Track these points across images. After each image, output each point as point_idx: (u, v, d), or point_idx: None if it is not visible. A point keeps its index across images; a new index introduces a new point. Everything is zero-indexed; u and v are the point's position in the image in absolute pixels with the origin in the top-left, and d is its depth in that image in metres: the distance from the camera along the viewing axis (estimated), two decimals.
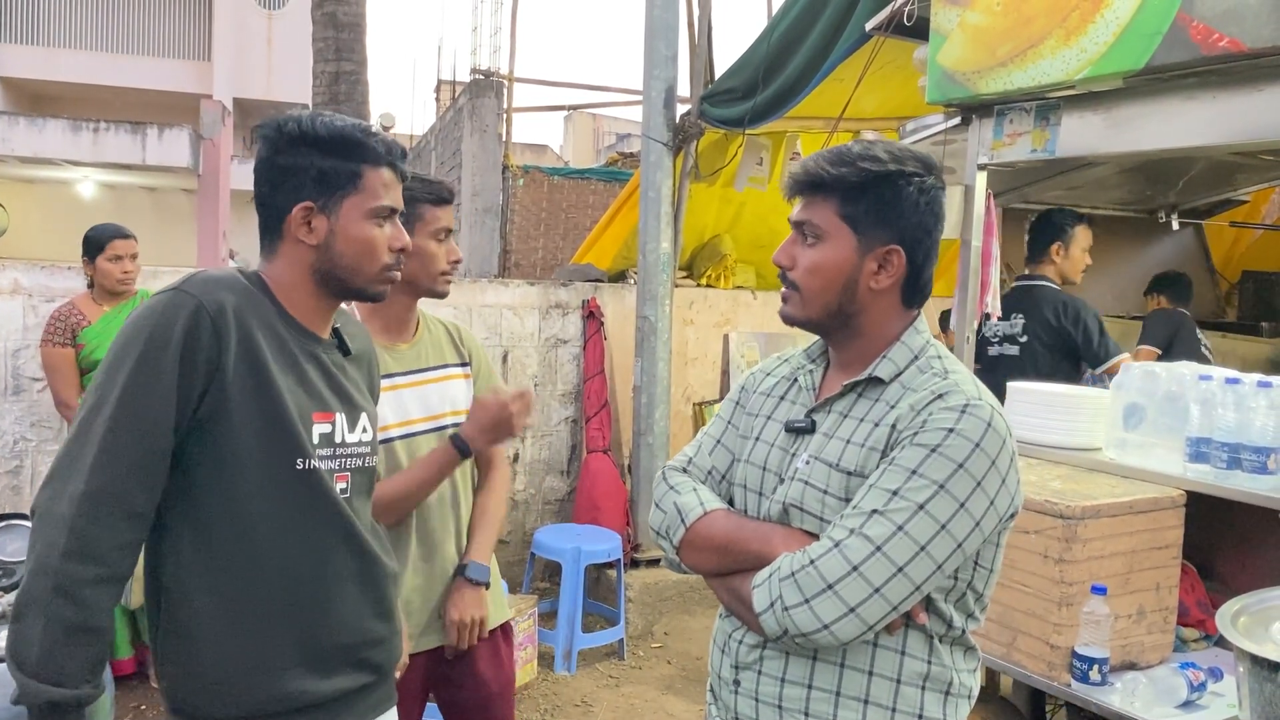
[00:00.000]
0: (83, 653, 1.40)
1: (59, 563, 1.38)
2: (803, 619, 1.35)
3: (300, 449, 1.56)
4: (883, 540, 1.34)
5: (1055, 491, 2.42)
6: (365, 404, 1.74)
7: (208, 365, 1.47)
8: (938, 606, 1.44)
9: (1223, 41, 2.38)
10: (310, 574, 1.58)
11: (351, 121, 1.62)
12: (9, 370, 4.27)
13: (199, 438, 1.50)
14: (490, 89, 8.61)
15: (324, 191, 1.58)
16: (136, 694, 3.92)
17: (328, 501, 1.60)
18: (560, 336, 5.61)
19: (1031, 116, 2.94)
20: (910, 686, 1.43)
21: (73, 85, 16.95)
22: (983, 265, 3.25)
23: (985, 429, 1.38)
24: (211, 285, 1.52)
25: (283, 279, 1.62)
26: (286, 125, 1.59)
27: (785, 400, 1.62)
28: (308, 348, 1.63)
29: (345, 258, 1.60)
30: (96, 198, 14.90)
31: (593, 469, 5.37)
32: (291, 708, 1.57)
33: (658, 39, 5.22)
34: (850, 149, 1.49)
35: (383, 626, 1.70)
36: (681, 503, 1.58)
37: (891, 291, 1.51)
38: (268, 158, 1.60)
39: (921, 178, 1.48)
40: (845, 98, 4.20)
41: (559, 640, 4.45)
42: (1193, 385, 2.52)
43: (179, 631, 1.53)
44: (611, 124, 22.64)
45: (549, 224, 8.55)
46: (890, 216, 1.47)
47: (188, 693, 1.54)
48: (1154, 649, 2.45)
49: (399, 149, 1.66)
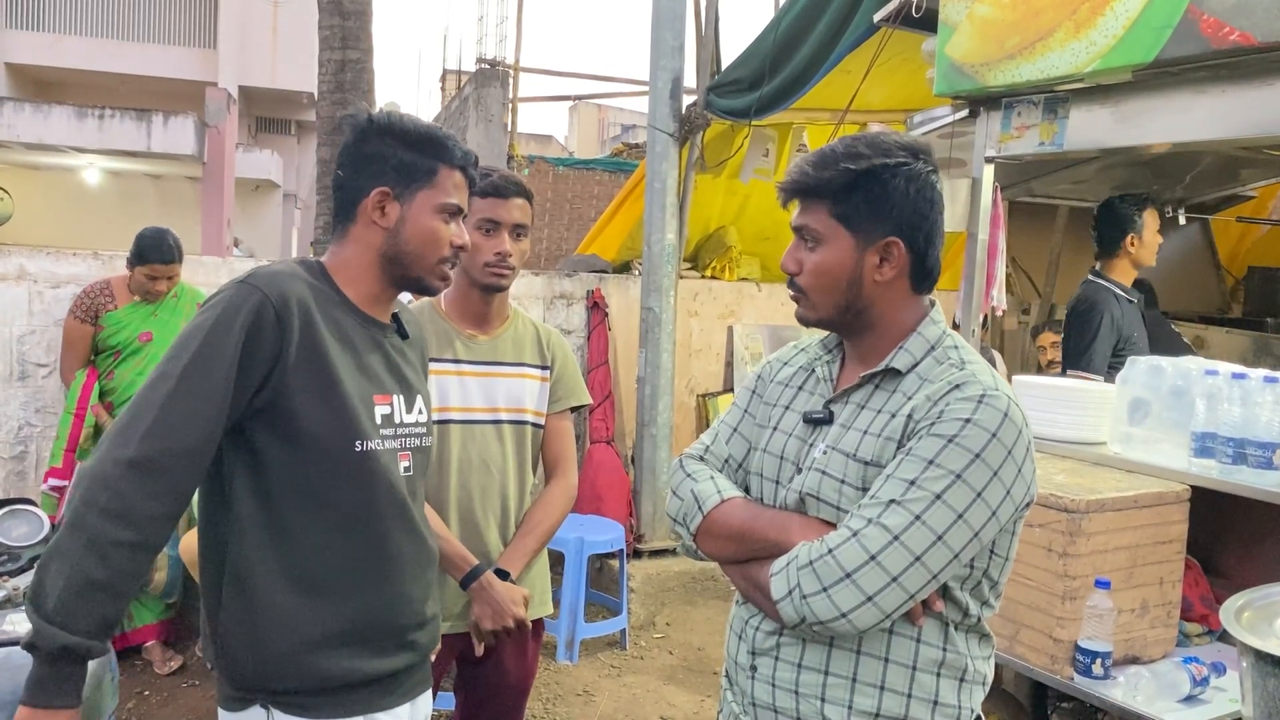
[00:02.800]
0: (99, 610, 1.43)
1: (96, 519, 1.42)
2: (821, 607, 1.36)
3: (360, 431, 1.63)
4: (900, 530, 1.35)
5: (1059, 485, 2.42)
6: (421, 386, 1.82)
7: (270, 354, 1.54)
8: (954, 594, 1.45)
9: (1233, 35, 2.37)
10: (370, 554, 1.65)
11: (434, 126, 1.74)
12: (14, 356, 4.28)
13: (263, 421, 1.56)
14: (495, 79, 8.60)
15: (401, 181, 1.68)
16: (141, 679, 3.93)
17: (386, 483, 1.66)
18: (564, 327, 5.60)
19: (1040, 109, 2.93)
20: (926, 673, 1.45)
21: (78, 72, 16.92)
22: (989, 258, 3.24)
23: (1002, 419, 1.39)
24: (276, 278, 1.59)
25: (349, 263, 1.70)
26: (378, 116, 1.70)
27: (803, 391, 1.63)
28: (369, 333, 1.71)
29: (411, 244, 1.69)
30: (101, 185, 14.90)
31: (596, 459, 5.37)
32: (344, 684, 1.63)
33: (664, 29, 5.21)
34: (834, 149, 1.51)
35: (429, 608, 1.78)
36: (699, 490, 1.60)
37: (899, 280, 1.52)
38: (355, 143, 1.70)
39: (908, 165, 1.48)
40: (852, 90, 4.19)
41: (561, 630, 4.46)
42: (1198, 380, 2.51)
43: (243, 607, 1.58)
44: (617, 115, 22.59)
45: (554, 214, 8.55)
46: (883, 210, 1.48)
47: (249, 666, 1.59)
48: (1157, 643, 2.45)
49: (473, 157, 1.77)
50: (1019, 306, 6.47)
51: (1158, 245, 3.72)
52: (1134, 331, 3.69)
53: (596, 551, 4.66)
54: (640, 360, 5.35)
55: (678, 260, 5.39)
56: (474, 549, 2.28)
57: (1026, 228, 5.71)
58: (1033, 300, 6.47)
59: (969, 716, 1.49)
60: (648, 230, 5.31)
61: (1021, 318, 6.56)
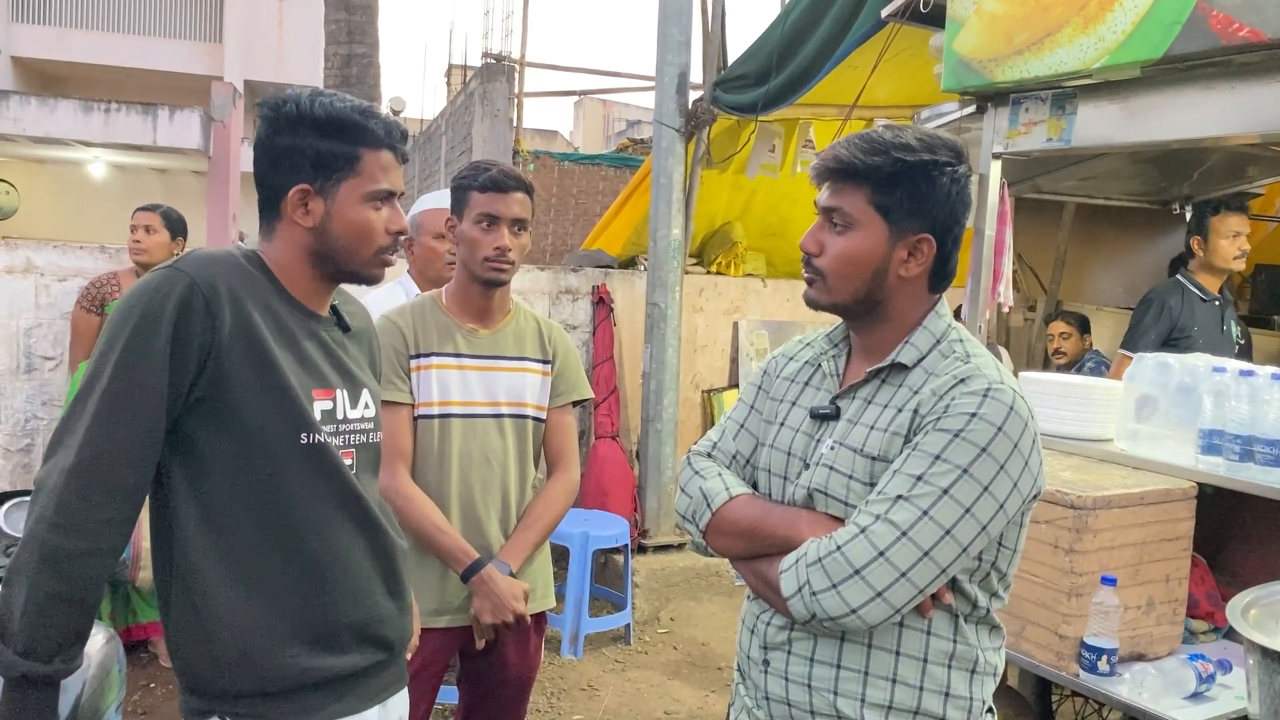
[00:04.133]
0: (63, 623, 1.40)
1: (46, 533, 1.38)
2: (830, 604, 1.37)
3: (306, 424, 1.55)
4: (908, 525, 1.36)
5: (1066, 482, 2.42)
6: (367, 380, 1.73)
7: (201, 342, 1.47)
8: (963, 587, 1.46)
9: (1243, 31, 2.36)
10: (319, 549, 1.58)
11: (351, 103, 1.60)
12: (21, 349, 4.29)
13: (201, 415, 1.50)
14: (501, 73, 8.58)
15: (321, 174, 1.57)
16: (147, 671, 3.94)
17: (335, 476, 1.59)
18: (570, 322, 5.60)
19: (1048, 105, 2.92)
20: (937, 665, 1.46)
21: (84, 66, 16.92)
22: (995, 254, 3.24)
23: (1008, 413, 1.39)
24: (205, 263, 1.51)
25: (280, 258, 1.61)
26: (285, 106, 1.57)
27: (809, 386, 1.62)
28: (306, 325, 1.62)
29: (340, 240, 1.60)
30: (107, 179, 14.89)
31: (601, 455, 5.38)
32: (304, 684, 1.57)
33: (671, 24, 5.20)
34: (882, 136, 1.48)
35: (393, 603, 1.69)
36: (707, 488, 1.60)
37: (920, 278, 1.52)
38: (266, 138, 1.59)
39: (954, 166, 1.48)
40: (859, 85, 4.18)
41: (566, 624, 4.47)
42: (1206, 377, 2.51)
43: (191, 608, 1.53)
44: (622, 110, 22.58)
45: (559, 210, 8.55)
46: (924, 206, 1.47)
47: (200, 669, 1.54)
48: (1163, 640, 2.45)
49: (399, 131, 1.64)
50: (1025, 303, 6.46)
51: (1236, 250, 3.80)
52: (1194, 326, 3.83)
53: (601, 546, 4.66)
54: (645, 356, 5.35)
55: (683, 256, 5.38)
56: (475, 542, 2.28)
57: (1033, 224, 5.70)
58: (1039, 297, 6.46)
59: (980, 708, 1.50)
60: (653, 226, 5.30)
61: (1027, 314, 6.55)
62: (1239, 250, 3.78)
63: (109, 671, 2.16)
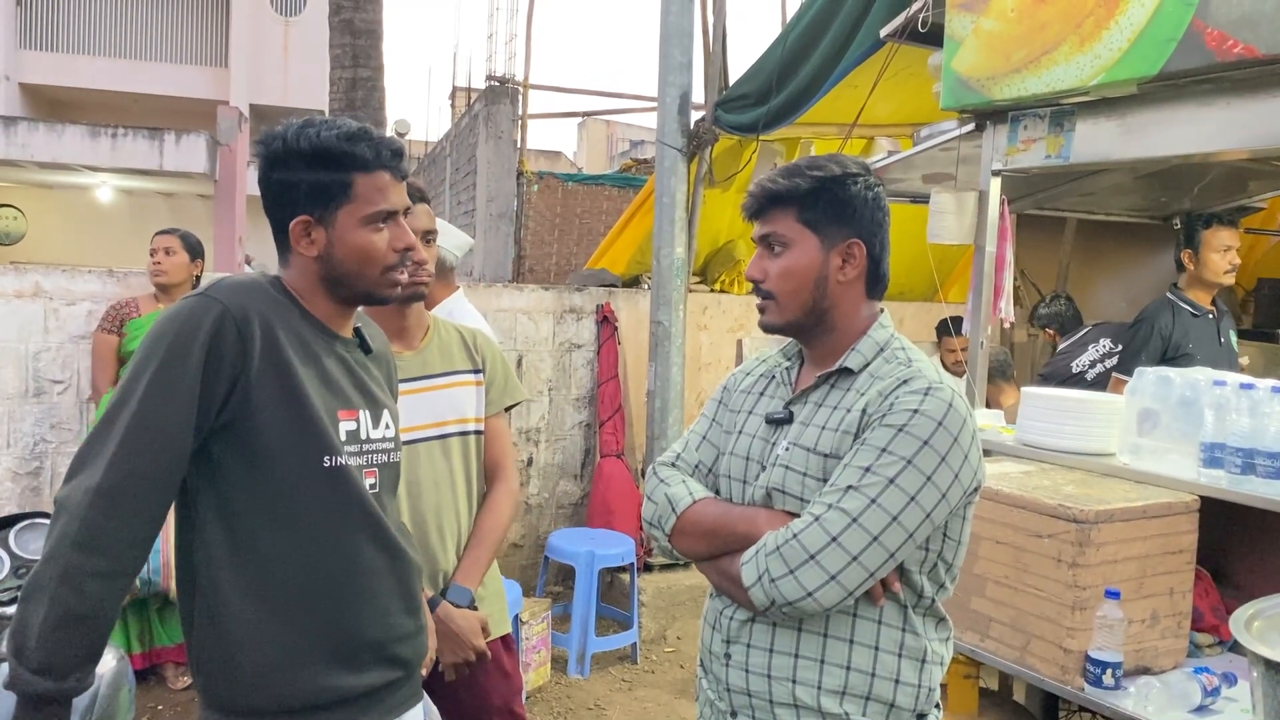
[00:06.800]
0: (79, 642, 1.42)
1: (68, 552, 1.40)
2: (788, 588, 1.47)
3: (328, 446, 1.59)
4: (858, 512, 1.46)
5: (1068, 496, 2.42)
6: (387, 401, 1.76)
7: (232, 369, 1.50)
8: (911, 577, 1.56)
9: (1237, 48, 2.39)
10: (341, 569, 1.61)
11: (338, 130, 1.60)
12: (30, 373, 4.32)
13: (228, 438, 1.53)
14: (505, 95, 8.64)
15: (318, 204, 1.59)
16: (153, 694, 3.95)
17: (357, 498, 1.62)
18: (574, 341, 5.63)
19: (1046, 122, 2.95)
20: (888, 654, 1.56)
21: (91, 91, 17.08)
22: (996, 271, 3.26)
23: (947, 409, 1.50)
24: (237, 290, 1.55)
25: (298, 284, 1.65)
26: (273, 143, 1.60)
27: (764, 396, 1.74)
28: (331, 346, 1.66)
29: (345, 265, 1.62)
30: (114, 203, 15.01)
31: (606, 473, 5.39)
32: (323, 702, 1.59)
33: (672, 45, 5.24)
34: (798, 163, 1.64)
35: (410, 622, 1.72)
36: (672, 494, 1.70)
37: (857, 283, 1.64)
38: (263, 174, 1.63)
39: (865, 177, 1.63)
40: (859, 104, 4.22)
41: (572, 644, 4.47)
42: (1207, 390, 2.52)
43: (215, 628, 1.55)
44: (625, 130, 22.69)
45: (563, 229, 8.58)
46: (846, 214, 1.61)
47: (222, 687, 1.57)
48: (1168, 654, 2.45)
49: (389, 149, 1.64)
50: (1028, 319, 6.47)
51: (1227, 264, 3.75)
52: (1189, 343, 3.76)
53: (607, 565, 4.66)
54: (650, 374, 5.37)
55: (687, 274, 5.41)
56: (430, 573, 2.22)
57: (1036, 239, 5.71)
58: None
59: (927, 695, 1.59)
60: (657, 244, 5.33)
61: (1030, 330, 6.55)
62: (1229, 264, 3.76)
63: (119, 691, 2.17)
